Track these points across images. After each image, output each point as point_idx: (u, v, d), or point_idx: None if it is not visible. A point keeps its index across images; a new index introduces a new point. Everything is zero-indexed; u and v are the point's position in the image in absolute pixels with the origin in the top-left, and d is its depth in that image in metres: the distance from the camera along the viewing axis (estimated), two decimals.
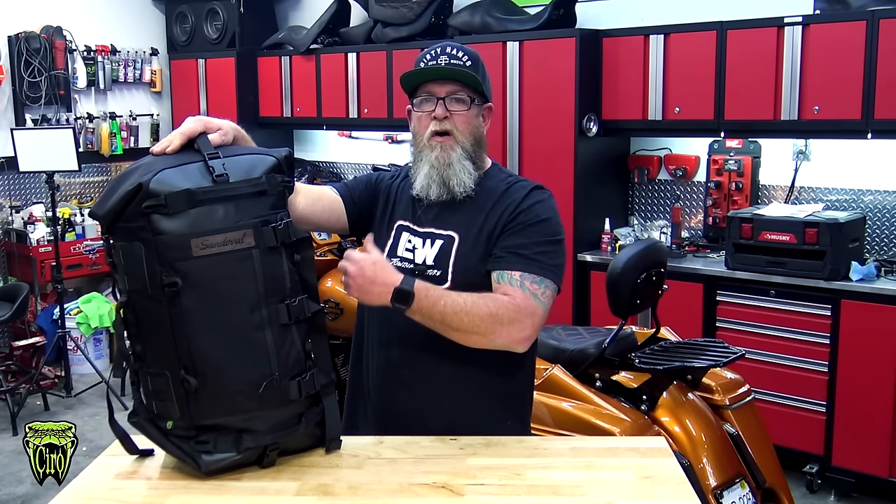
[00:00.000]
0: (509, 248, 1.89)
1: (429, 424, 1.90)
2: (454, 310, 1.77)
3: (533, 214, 1.91)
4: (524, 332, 1.82)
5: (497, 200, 1.94)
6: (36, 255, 5.57)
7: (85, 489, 1.64)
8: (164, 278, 1.55)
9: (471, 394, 1.97)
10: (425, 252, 1.96)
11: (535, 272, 1.86)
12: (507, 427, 1.96)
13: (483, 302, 1.80)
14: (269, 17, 6.38)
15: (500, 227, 1.91)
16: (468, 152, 1.95)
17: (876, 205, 4.17)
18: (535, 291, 1.85)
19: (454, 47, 1.95)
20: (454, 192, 1.93)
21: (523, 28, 4.78)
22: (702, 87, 4.22)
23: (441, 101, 1.92)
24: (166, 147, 1.68)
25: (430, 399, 1.96)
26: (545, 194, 1.97)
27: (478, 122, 1.98)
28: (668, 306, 3.27)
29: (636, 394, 2.88)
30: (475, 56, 1.97)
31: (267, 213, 1.64)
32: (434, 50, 1.95)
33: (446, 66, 1.92)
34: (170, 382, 1.59)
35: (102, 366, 5.62)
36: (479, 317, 1.78)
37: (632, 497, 1.59)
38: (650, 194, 4.92)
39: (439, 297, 1.78)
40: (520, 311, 1.81)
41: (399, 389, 1.98)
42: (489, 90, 2.00)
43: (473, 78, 1.92)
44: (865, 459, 3.79)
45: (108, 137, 6.20)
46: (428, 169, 1.94)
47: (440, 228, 1.96)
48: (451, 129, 1.93)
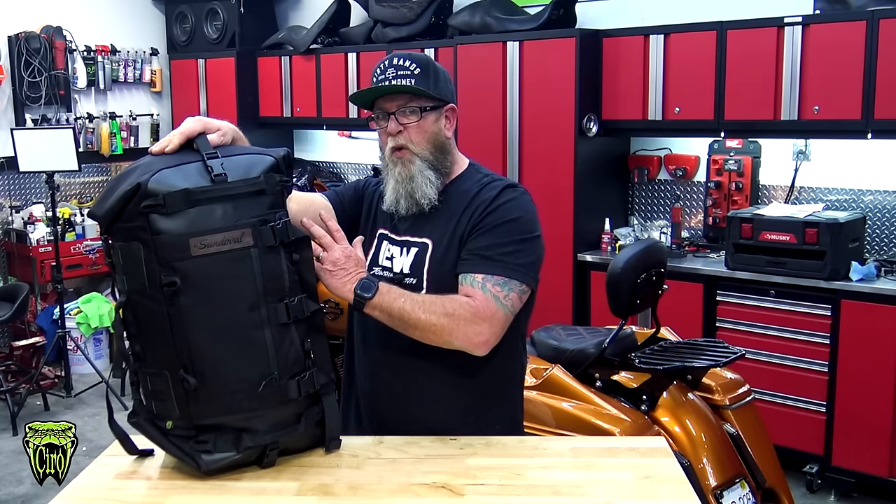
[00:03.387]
0: (474, 251, 1.88)
1: (413, 429, 1.90)
2: (412, 306, 1.79)
3: (499, 214, 1.89)
4: (481, 335, 1.81)
5: (469, 203, 1.93)
6: (36, 255, 5.57)
7: (85, 489, 1.64)
8: (163, 278, 1.55)
9: (455, 398, 1.96)
10: (402, 261, 1.96)
11: (497, 273, 1.85)
12: (496, 431, 1.93)
13: (441, 301, 1.81)
14: (269, 17, 6.38)
15: (469, 229, 1.90)
16: (429, 162, 1.93)
17: (876, 205, 4.17)
18: (497, 294, 1.83)
19: (401, 57, 1.93)
20: (420, 203, 1.93)
21: (523, 28, 4.78)
22: (702, 87, 4.22)
23: (392, 115, 1.91)
24: (165, 147, 1.68)
25: (413, 403, 1.97)
26: (516, 192, 1.94)
27: (436, 127, 1.94)
28: (668, 306, 3.26)
29: (636, 394, 2.88)
30: (424, 62, 1.93)
31: (265, 212, 1.64)
32: (382, 64, 1.93)
33: (392, 79, 1.89)
34: (169, 382, 1.59)
35: (102, 366, 5.62)
36: (435, 314, 1.79)
37: (632, 497, 1.59)
38: (650, 194, 4.91)
39: (400, 294, 1.81)
40: (477, 314, 1.80)
41: (383, 393, 1.99)
42: (449, 91, 1.96)
43: (419, 89, 1.89)
44: (865, 459, 3.79)
45: (108, 137, 6.20)
46: (394, 184, 1.94)
47: (415, 236, 1.97)
48: (406, 142, 1.91)
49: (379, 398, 2.01)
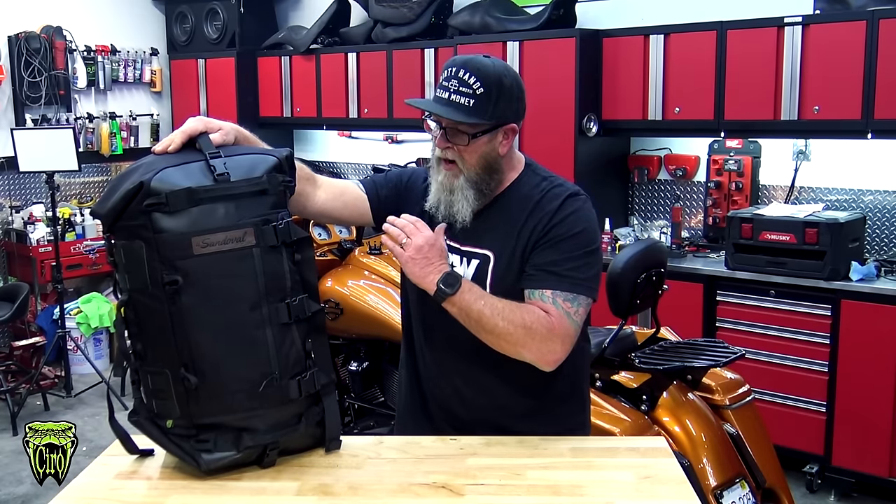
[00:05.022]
0: (541, 266, 1.84)
1: (488, 430, 1.89)
2: (492, 311, 1.77)
3: (565, 228, 1.85)
4: (555, 354, 1.81)
5: (531, 212, 1.88)
6: (36, 255, 5.57)
7: (85, 489, 1.64)
8: (165, 276, 1.55)
9: (526, 402, 1.95)
10: (462, 270, 1.92)
11: (566, 289, 1.82)
12: (571, 430, 1.95)
13: (520, 312, 1.79)
14: (269, 17, 6.38)
15: (532, 243, 1.86)
16: (473, 182, 1.87)
17: (876, 205, 4.17)
18: (568, 310, 1.82)
19: (468, 72, 1.81)
20: (454, 218, 1.90)
21: (523, 28, 4.78)
22: (702, 87, 4.22)
23: (444, 130, 1.86)
24: (168, 146, 1.68)
25: (485, 408, 1.95)
26: (579, 202, 1.90)
27: (489, 147, 1.86)
28: (668, 306, 3.26)
29: (636, 394, 2.88)
30: (491, 80, 1.81)
31: (268, 212, 1.64)
32: (450, 69, 1.85)
33: (453, 93, 1.82)
34: (170, 381, 1.59)
35: (102, 366, 5.62)
36: (513, 324, 1.77)
37: (632, 497, 1.59)
38: (650, 194, 4.91)
39: (481, 295, 1.80)
40: (553, 331, 1.79)
41: (453, 397, 1.97)
42: (512, 111, 1.87)
43: (469, 121, 1.81)
44: (865, 459, 3.79)
45: (108, 137, 6.20)
46: (436, 188, 1.92)
47: (476, 247, 1.92)
48: (455, 158, 1.87)
49: (449, 402, 1.98)
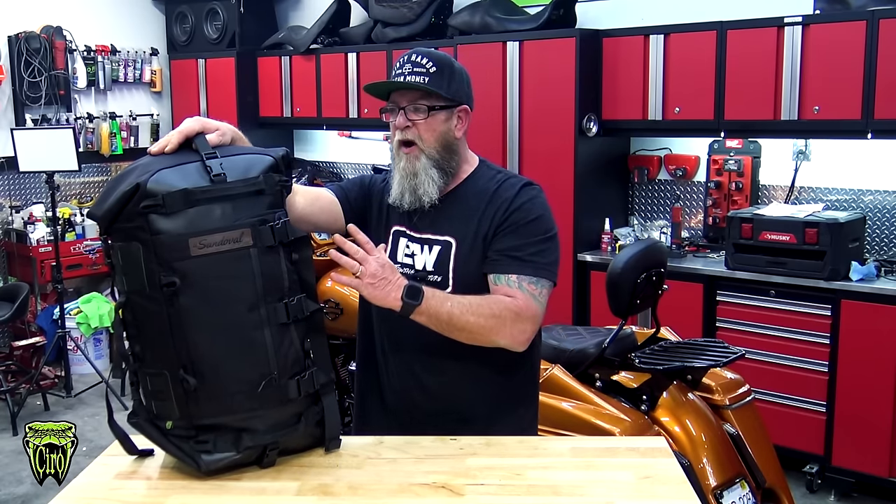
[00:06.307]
0: (504, 252, 1.92)
1: (444, 424, 1.94)
2: (461, 310, 1.82)
3: (524, 213, 1.93)
4: (525, 333, 1.90)
5: (489, 201, 1.96)
6: (36, 255, 5.57)
7: (85, 489, 1.64)
8: (163, 278, 1.55)
9: (485, 391, 2.01)
10: (424, 258, 1.99)
11: (529, 273, 1.90)
12: (520, 417, 2.06)
13: (486, 303, 1.86)
14: (269, 17, 6.38)
15: (493, 229, 1.94)
16: (434, 160, 1.95)
17: (876, 205, 4.17)
18: (534, 292, 1.90)
19: (421, 54, 1.95)
20: (422, 200, 1.95)
21: (523, 28, 4.78)
22: (702, 87, 4.22)
23: (402, 110, 1.94)
24: (164, 147, 1.68)
25: (448, 399, 2.00)
26: (535, 190, 1.99)
27: (446, 126, 1.96)
28: (668, 306, 3.26)
29: (636, 394, 2.88)
30: (442, 61, 1.95)
31: (264, 212, 1.64)
32: (402, 58, 1.96)
33: (408, 74, 1.92)
34: (169, 382, 1.59)
35: (102, 366, 5.62)
36: (483, 317, 1.83)
37: (632, 497, 1.59)
38: (650, 194, 4.91)
39: (445, 298, 1.84)
40: (520, 313, 1.87)
41: (415, 389, 2.01)
42: (464, 92, 1.98)
43: (428, 87, 1.91)
44: (865, 459, 3.78)
45: (108, 137, 6.20)
46: (399, 177, 1.97)
47: (437, 234, 1.99)
48: (414, 138, 1.94)
49: (411, 394, 2.02)
